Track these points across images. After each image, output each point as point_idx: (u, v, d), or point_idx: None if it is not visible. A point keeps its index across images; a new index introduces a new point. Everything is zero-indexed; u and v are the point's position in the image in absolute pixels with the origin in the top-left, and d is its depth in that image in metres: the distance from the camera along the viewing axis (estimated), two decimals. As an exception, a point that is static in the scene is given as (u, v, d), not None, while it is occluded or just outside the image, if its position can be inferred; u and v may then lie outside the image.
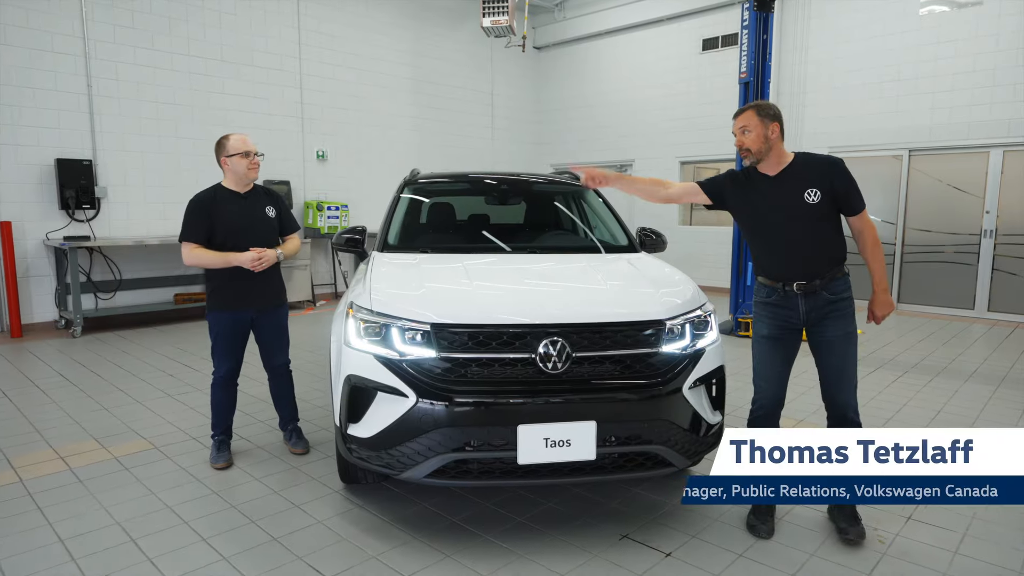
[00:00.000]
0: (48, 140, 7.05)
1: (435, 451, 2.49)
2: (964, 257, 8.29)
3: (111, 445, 3.79)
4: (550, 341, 2.55)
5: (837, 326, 2.73)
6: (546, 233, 4.21)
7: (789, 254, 2.73)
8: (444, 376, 2.53)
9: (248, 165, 3.41)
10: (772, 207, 2.76)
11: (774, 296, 2.80)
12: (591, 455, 2.50)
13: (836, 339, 2.73)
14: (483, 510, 2.98)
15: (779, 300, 2.78)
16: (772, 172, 2.77)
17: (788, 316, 2.77)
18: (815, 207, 2.69)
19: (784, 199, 2.73)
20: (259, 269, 3.40)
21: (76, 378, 5.24)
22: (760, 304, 2.87)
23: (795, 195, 2.71)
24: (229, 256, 3.35)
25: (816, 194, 2.68)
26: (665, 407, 2.61)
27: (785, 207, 2.73)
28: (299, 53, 9.19)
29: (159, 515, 2.93)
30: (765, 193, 2.78)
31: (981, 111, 7.92)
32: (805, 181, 2.71)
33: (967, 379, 5.31)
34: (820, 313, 2.73)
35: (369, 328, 2.66)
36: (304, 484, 3.28)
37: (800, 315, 2.75)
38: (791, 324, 2.78)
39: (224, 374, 3.53)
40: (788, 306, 2.76)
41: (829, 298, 2.72)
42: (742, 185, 2.86)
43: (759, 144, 2.70)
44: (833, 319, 2.73)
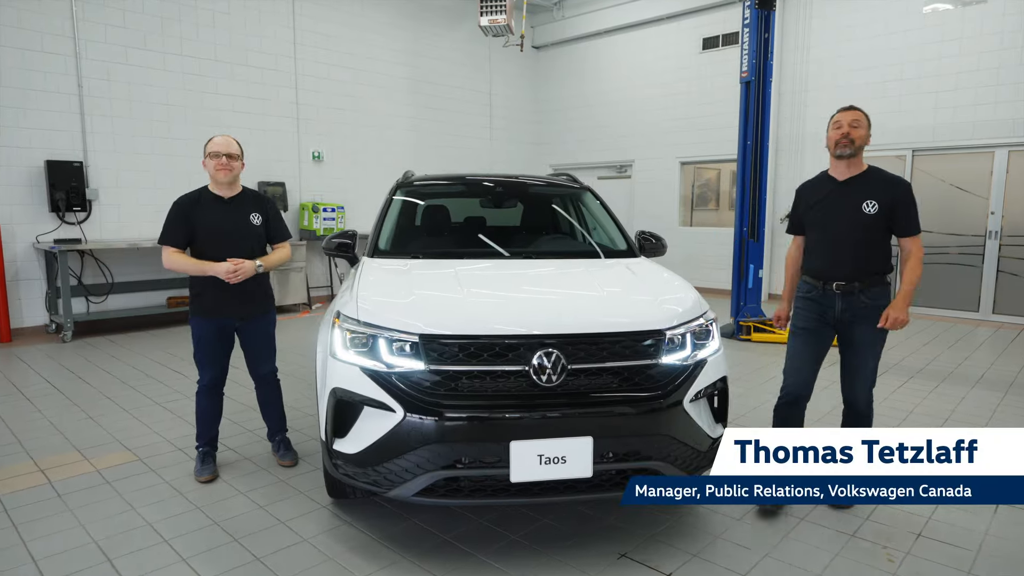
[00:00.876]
0: (38, 141, 6.93)
1: (424, 468, 2.37)
2: (968, 259, 8.17)
3: (94, 457, 3.67)
4: (545, 353, 2.43)
5: (867, 329, 2.94)
6: (543, 237, 4.09)
7: (835, 256, 2.97)
8: (433, 390, 2.41)
9: (216, 166, 3.27)
10: (830, 209, 3.01)
11: (814, 292, 3.04)
12: (587, 472, 2.38)
13: (864, 341, 2.96)
14: (475, 527, 2.86)
15: (818, 296, 3.03)
16: (841, 177, 3.02)
17: (823, 311, 3.02)
18: (869, 218, 2.91)
19: (843, 204, 2.97)
20: (234, 281, 3.24)
21: (63, 385, 5.12)
22: (800, 299, 3.13)
23: (855, 203, 2.94)
24: (205, 265, 3.23)
25: (874, 206, 2.90)
26: (665, 421, 2.49)
27: (842, 212, 2.96)
28: (294, 53, 9.08)
29: (138, 533, 2.81)
30: (830, 196, 3.03)
31: (986, 110, 7.80)
32: (867, 192, 2.92)
33: (975, 384, 5.20)
34: (853, 314, 2.95)
35: (355, 339, 2.55)
36: (291, 499, 3.16)
37: (835, 312, 2.99)
38: (825, 319, 3.02)
39: (208, 382, 3.41)
40: (825, 303, 3.01)
41: (865, 302, 2.93)
42: (812, 193, 3.12)
43: (863, 142, 2.94)
44: (865, 322, 2.94)
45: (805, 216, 3.13)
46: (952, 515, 2.97)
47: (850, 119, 2.94)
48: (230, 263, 3.23)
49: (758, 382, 5.24)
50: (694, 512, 3.01)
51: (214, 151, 3.26)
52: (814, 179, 3.17)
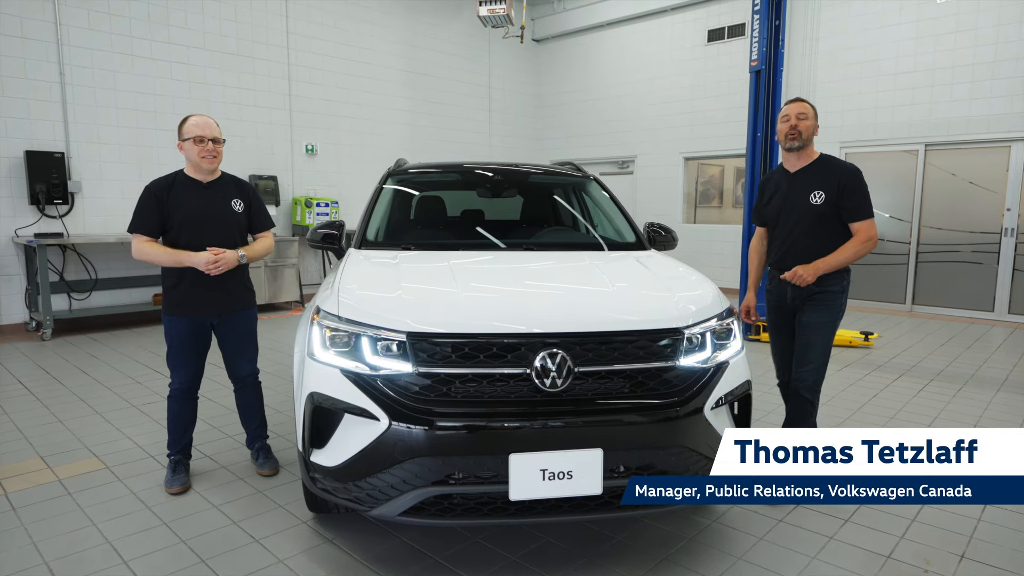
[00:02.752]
0: (17, 131, 6.63)
1: (412, 484, 2.09)
2: (983, 257, 7.90)
3: (58, 465, 3.39)
4: (548, 353, 2.15)
5: (815, 312, 3.01)
6: (545, 229, 3.81)
7: (787, 246, 3.07)
8: (423, 395, 2.13)
9: (200, 153, 2.98)
10: (782, 200, 3.10)
11: (773, 283, 3.20)
12: (596, 489, 2.11)
13: (810, 324, 3.02)
14: (470, 547, 2.58)
15: (775, 287, 3.18)
16: (793, 168, 3.10)
17: (779, 299, 3.17)
18: (817, 208, 2.97)
19: (793, 195, 3.05)
20: (215, 272, 2.97)
21: (36, 386, 4.84)
22: (765, 291, 3.31)
23: (803, 193, 3.01)
24: (181, 255, 2.94)
25: (820, 196, 2.96)
26: (683, 431, 2.21)
27: (792, 203, 3.05)
28: (287, 42, 8.78)
29: (95, 553, 2.53)
30: (782, 187, 3.12)
31: (1002, 103, 7.53)
32: (815, 183, 2.99)
33: (999, 388, 4.92)
34: (803, 299, 3.04)
35: (336, 337, 2.27)
36: (268, 513, 2.88)
37: (787, 299, 3.11)
38: (783, 308, 3.16)
39: (181, 385, 3.13)
40: (779, 292, 3.15)
41: (812, 289, 2.99)
42: (770, 185, 3.24)
43: (810, 133, 3.01)
44: (813, 305, 3.01)
45: (764, 209, 3.23)
46: (996, 533, 2.70)
47: (797, 111, 3.00)
48: (210, 252, 2.95)
49: (770, 384, 4.95)
50: (711, 529, 2.74)
51: (198, 135, 2.98)
52: (773, 171, 3.27)
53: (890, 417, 4.22)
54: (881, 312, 8.27)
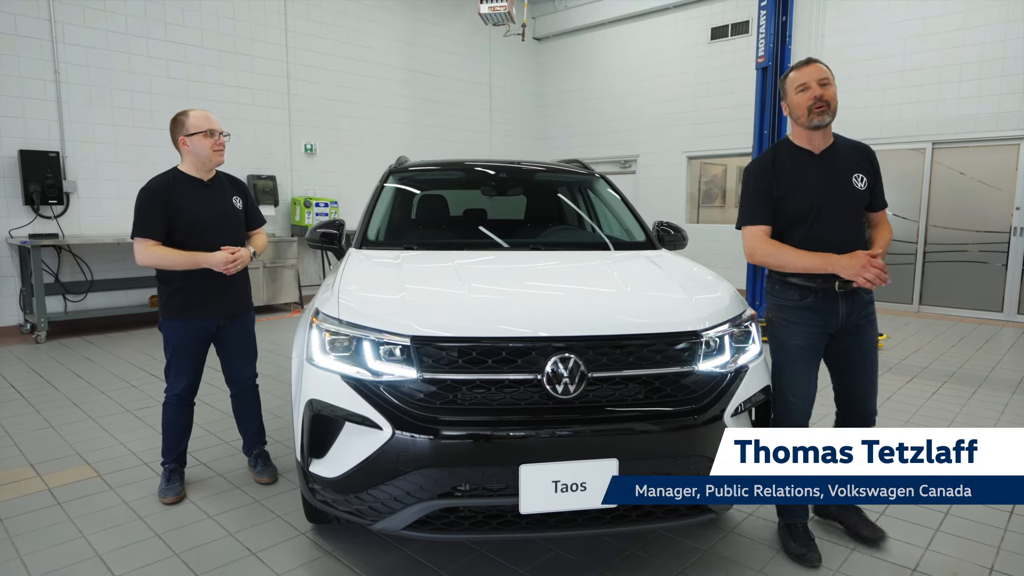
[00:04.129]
0: (11, 130, 6.51)
1: (416, 497, 1.98)
2: (991, 256, 7.79)
3: (48, 473, 3.27)
4: (560, 358, 2.04)
5: (871, 331, 2.48)
6: (551, 228, 3.70)
7: (834, 248, 2.33)
8: (428, 402, 2.02)
9: (212, 147, 2.90)
10: (816, 189, 2.37)
11: (808, 299, 2.41)
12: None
13: (870, 345, 2.48)
14: (476, 560, 2.47)
15: (815, 303, 2.40)
16: (818, 148, 2.42)
17: (826, 320, 2.42)
18: (861, 194, 2.41)
19: (831, 180, 2.39)
20: (233, 272, 2.89)
21: (28, 390, 4.72)
22: (792, 309, 2.45)
23: (844, 177, 2.39)
24: (198, 257, 2.83)
25: (863, 180, 2.41)
26: (702, 440, 2.10)
27: (832, 190, 2.37)
28: (286, 41, 8.67)
29: (84, 567, 2.42)
30: (809, 173, 2.39)
31: (1011, 101, 7.42)
32: (852, 164, 2.41)
33: (1015, 390, 4.81)
34: (858, 316, 2.42)
35: (336, 341, 2.15)
36: (266, 523, 2.76)
37: (839, 318, 2.41)
38: (828, 329, 2.44)
39: (180, 392, 3.01)
40: (826, 309, 2.40)
41: (865, 299, 2.44)
42: (784, 172, 2.41)
43: (836, 101, 2.35)
44: (869, 323, 2.47)
45: (783, 203, 2.40)
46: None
47: (817, 77, 2.32)
48: (226, 252, 2.85)
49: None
50: (728, 541, 2.62)
51: (209, 128, 2.89)
52: (774, 155, 2.46)
53: (906, 420, 4.11)
54: (888, 313, 8.16)
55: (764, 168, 2.46)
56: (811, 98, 2.32)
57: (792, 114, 2.41)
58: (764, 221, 2.45)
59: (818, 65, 2.36)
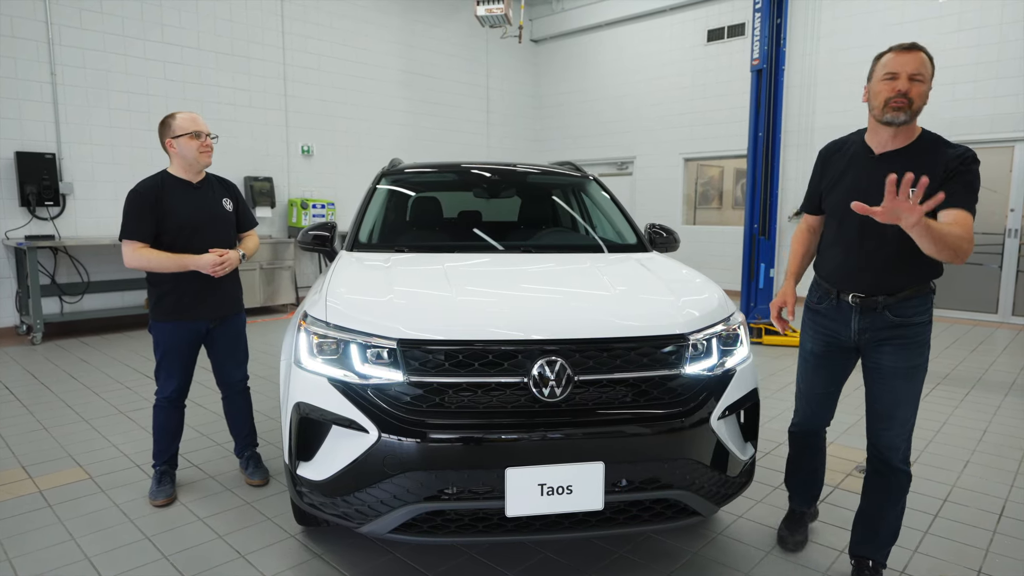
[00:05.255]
0: (7, 131, 6.52)
1: (403, 500, 1.98)
2: (986, 258, 7.80)
3: (40, 475, 3.27)
4: (547, 361, 2.04)
5: (898, 356, 2.16)
6: (543, 230, 3.71)
7: (857, 256, 2.17)
8: (414, 405, 2.02)
9: (199, 148, 2.91)
10: (854, 193, 2.04)
11: (825, 303, 2.31)
12: (598, 504, 2.00)
13: (894, 371, 2.17)
14: (465, 563, 2.47)
15: (828, 310, 2.30)
16: (880, 148, 2.14)
17: (836, 331, 2.29)
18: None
19: (873, 188, 1.98)
20: (221, 274, 2.90)
21: (22, 391, 4.72)
22: (809, 310, 2.41)
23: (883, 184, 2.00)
24: (186, 259, 2.84)
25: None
26: (689, 442, 2.10)
27: (870, 198, 1.90)
28: (283, 42, 8.68)
29: (73, 570, 2.42)
30: (859, 171, 2.17)
31: (1006, 103, 7.44)
32: (915, 167, 1.85)
33: (1007, 392, 4.82)
34: (877, 336, 2.18)
35: (323, 345, 2.16)
36: (256, 526, 2.77)
37: (852, 333, 2.24)
38: (839, 341, 2.29)
39: (170, 394, 3.01)
40: (838, 319, 2.27)
41: (893, 320, 2.15)
42: (838, 161, 2.27)
43: (922, 102, 2.04)
44: (895, 347, 2.16)
45: (827, 193, 2.27)
46: (1013, 546, 2.60)
47: (911, 68, 2.00)
48: (214, 254, 2.87)
49: (772, 389, 4.86)
50: (717, 543, 2.63)
51: (196, 129, 2.89)
52: (842, 142, 2.31)
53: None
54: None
55: (825, 154, 2.36)
56: (893, 90, 2.03)
57: (869, 102, 2.14)
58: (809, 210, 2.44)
59: (920, 55, 2.03)
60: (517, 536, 2.04)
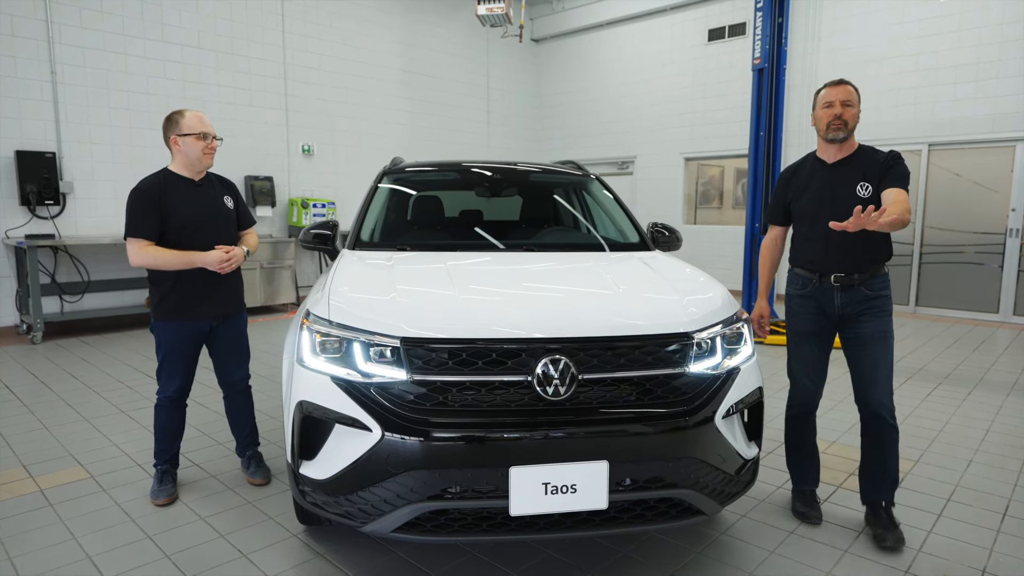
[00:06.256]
0: (7, 130, 6.51)
1: (406, 499, 1.97)
2: (987, 258, 7.80)
3: (41, 474, 3.26)
4: (551, 360, 2.03)
5: (874, 324, 2.65)
6: (545, 229, 3.70)
7: (831, 245, 2.64)
8: (418, 404, 2.02)
9: (204, 149, 2.91)
10: (822, 195, 2.70)
11: (808, 287, 2.74)
12: (602, 503, 1.99)
13: (872, 337, 2.64)
14: (468, 562, 2.47)
15: (813, 292, 2.72)
16: (831, 159, 2.73)
17: (822, 308, 2.72)
18: (864, 200, 2.57)
19: (837, 187, 2.67)
20: (227, 271, 2.89)
21: (23, 391, 4.72)
22: (794, 297, 2.82)
23: (849, 185, 2.65)
24: (193, 256, 2.83)
25: (868, 188, 2.61)
26: (693, 441, 2.10)
27: (835, 197, 2.66)
28: (283, 42, 8.67)
29: (74, 569, 2.41)
30: (819, 180, 2.73)
31: (1008, 103, 7.44)
32: (861, 173, 2.64)
33: (1009, 392, 4.82)
34: (856, 308, 2.66)
35: (326, 343, 2.15)
36: (258, 525, 2.76)
37: (835, 308, 2.69)
38: (825, 315, 2.73)
39: (172, 394, 3.00)
40: (823, 298, 2.71)
41: (867, 294, 2.64)
42: (799, 178, 2.82)
43: (855, 122, 2.65)
44: (870, 316, 2.65)
45: (794, 204, 2.82)
46: (1017, 546, 2.59)
47: (842, 97, 2.62)
48: (220, 251, 2.86)
49: (774, 388, 4.85)
50: (720, 543, 2.62)
51: (203, 130, 2.90)
52: (800, 163, 2.86)
53: (901, 422, 4.08)
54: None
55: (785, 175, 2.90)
56: (831, 115, 2.62)
57: (816, 126, 2.72)
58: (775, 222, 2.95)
59: (847, 87, 2.64)
60: (521, 535, 2.03)
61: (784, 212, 2.88)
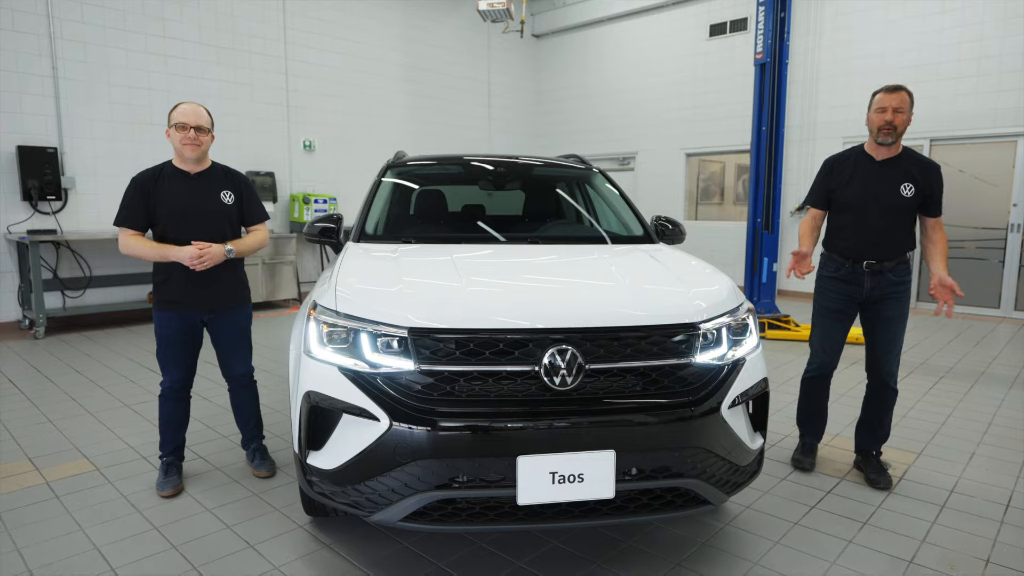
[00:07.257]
0: (8, 126, 6.50)
1: (414, 488, 1.98)
2: (989, 253, 7.81)
3: (47, 467, 3.27)
4: (557, 350, 2.04)
5: (896, 307, 3.00)
6: (549, 222, 3.70)
7: (869, 236, 2.96)
8: (425, 394, 2.02)
9: (182, 140, 2.86)
10: (867, 190, 2.97)
11: (842, 271, 3.07)
12: (609, 493, 2.00)
13: (893, 318, 3.01)
14: (474, 552, 2.48)
15: (846, 275, 3.06)
16: (880, 156, 2.98)
17: (852, 291, 3.06)
18: (906, 201, 2.92)
19: (880, 185, 2.95)
20: (200, 268, 2.85)
21: (27, 385, 4.72)
22: (827, 278, 3.15)
23: (892, 185, 2.93)
24: (166, 250, 2.84)
25: (911, 189, 2.91)
26: (699, 431, 2.10)
27: (880, 193, 2.95)
28: (284, 37, 8.66)
29: (81, 559, 2.42)
30: (866, 175, 2.99)
31: (1009, 98, 7.43)
32: (905, 175, 2.92)
33: (1010, 385, 4.83)
34: (882, 292, 2.99)
35: (333, 333, 2.16)
36: (264, 516, 2.77)
37: (863, 291, 3.02)
38: (853, 298, 3.07)
39: (172, 384, 3.01)
40: (854, 281, 3.04)
41: (893, 280, 2.98)
42: (847, 170, 3.05)
43: (905, 127, 2.89)
44: (894, 300, 3.00)
45: (838, 194, 3.07)
46: (1021, 536, 2.60)
47: (895, 103, 2.84)
48: (194, 247, 2.84)
49: (777, 382, 4.87)
50: (725, 533, 2.64)
51: (180, 122, 2.86)
52: (848, 154, 3.10)
53: (902, 416, 4.12)
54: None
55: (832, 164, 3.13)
56: (883, 120, 2.87)
57: (869, 127, 2.97)
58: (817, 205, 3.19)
59: (902, 94, 2.86)
60: (528, 524, 2.04)
61: (826, 197, 3.12)
